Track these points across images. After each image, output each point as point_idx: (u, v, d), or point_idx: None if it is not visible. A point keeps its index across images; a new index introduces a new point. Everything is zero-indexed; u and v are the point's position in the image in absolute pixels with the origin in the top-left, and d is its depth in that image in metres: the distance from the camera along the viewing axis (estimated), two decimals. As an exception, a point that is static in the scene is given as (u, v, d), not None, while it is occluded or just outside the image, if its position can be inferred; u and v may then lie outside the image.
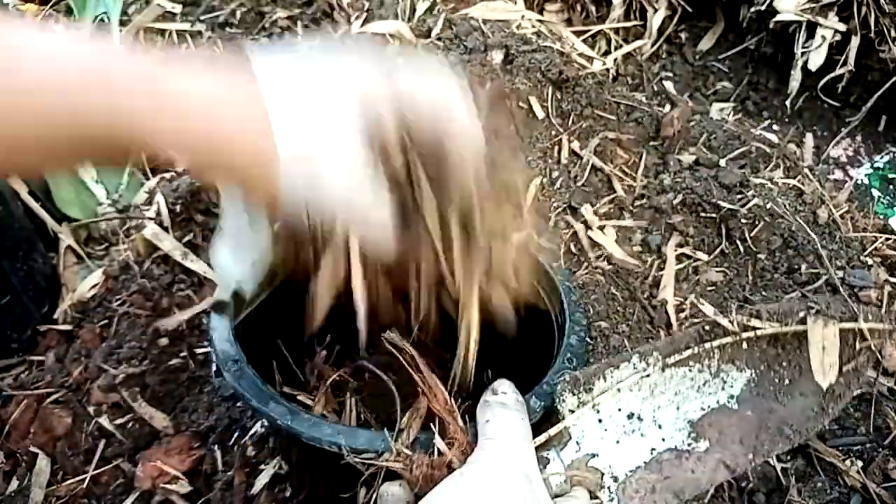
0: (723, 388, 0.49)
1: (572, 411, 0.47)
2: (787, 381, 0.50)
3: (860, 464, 0.70)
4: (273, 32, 1.09)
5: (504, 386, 0.48)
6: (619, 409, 0.48)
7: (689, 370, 0.49)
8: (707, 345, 0.49)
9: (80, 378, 0.71)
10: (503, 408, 0.45)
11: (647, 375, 0.48)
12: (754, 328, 0.49)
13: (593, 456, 0.46)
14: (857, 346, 0.50)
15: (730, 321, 0.49)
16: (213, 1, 1.13)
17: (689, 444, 0.47)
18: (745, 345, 0.49)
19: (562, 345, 0.57)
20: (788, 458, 0.72)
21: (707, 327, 0.50)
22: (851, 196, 0.96)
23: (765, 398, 0.49)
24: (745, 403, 0.49)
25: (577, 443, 0.46)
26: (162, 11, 1.10)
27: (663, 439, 0.47)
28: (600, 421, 0.47)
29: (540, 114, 0.87)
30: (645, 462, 0.47)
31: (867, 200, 1.00)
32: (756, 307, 0.51)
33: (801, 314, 0.49)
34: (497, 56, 0.88)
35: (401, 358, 0.52)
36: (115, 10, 1.06)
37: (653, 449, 0.47)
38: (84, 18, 1.05)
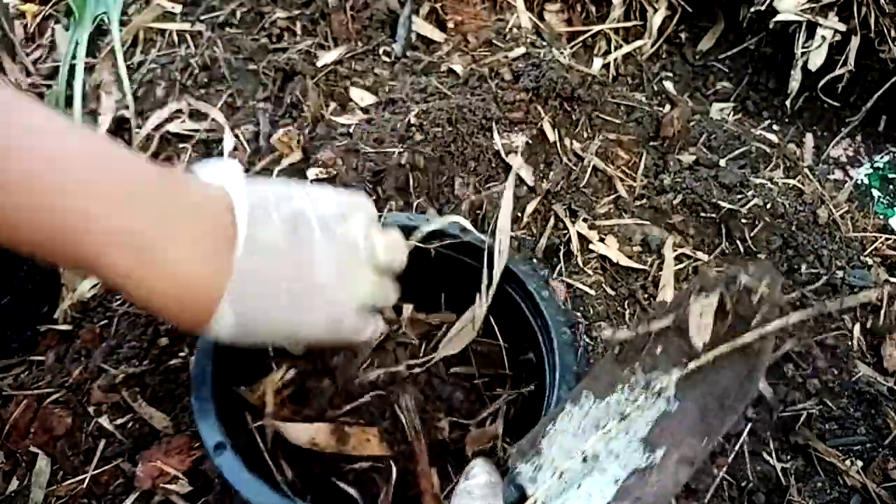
0: (658, 395, 0.49)
1: (532, 479, 0.47)
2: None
3: (860, 464, 0.70)
4: (272, 33, 1.09)
5: (476, 468, 0.47)
6: (573, 457, 0.48)
7: (622, 392, 0.49)
8: (626, 370, 0.49)
9: (80, 378, 0.71)
10: (471, 499, 0.45)
11: (587, 414, 0.48)
12: (655, 328, 0.49)
13: None
14: (750, 299, 0.49)
15: (630, 330, 0.50)
16: (213, 1, 1.13)
17: (647, 460, 0.47)
18: (657, 347, 0.49)
19: (551, 400, 0.55)
20: (788, 458, 0.72)
21: (618, 348, 0.50)
22: (851, 196, 0.96)
23: (697, 384, 0.49)
24: (682, 398, 0.49)
25: None
26: (162, 11, 1.10)
27: (623, 466, 0.47)
28: (561, 476, 0.47)
29: (552, 137, 0.87)
30: (613, 496, 0.46)
31: (867, 200, 1.00)
32: (652, 306, 0.51)
33: (690, 296, 0.49)
34: (506, 75, 0.89)
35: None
36: (115, 10, 1.06)
37: (616, 480, 0.47)
38: (84, 18, 1.05)
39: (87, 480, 0.65)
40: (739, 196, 0.84)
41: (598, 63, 1.11)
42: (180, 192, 0.45)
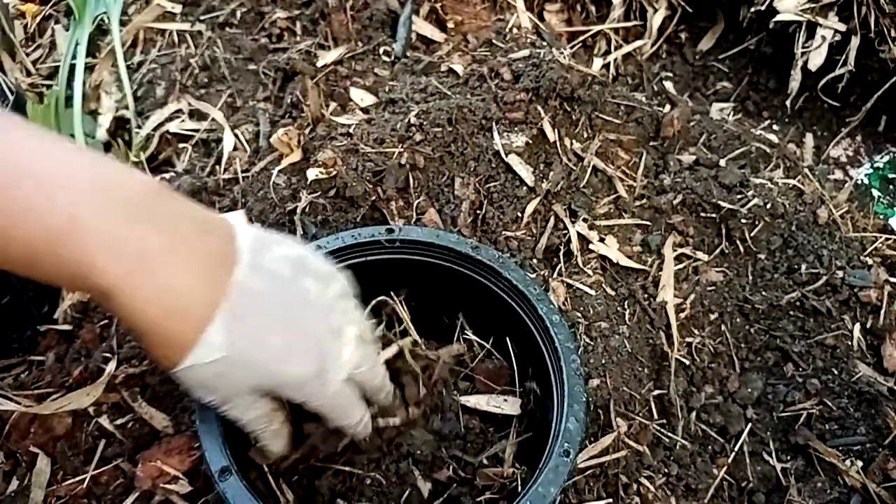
0: None
1: None
2: None
3: (860, 464, 0.70)
4: (272, 33, 1.09)
5: None
6: None
7: None
8: None
9: (80, 378, 0.71)
10: None
11: None
12: None
13: None
14: None
15: None
16: (213, 1, 1.13)
17: None
18: None
19: (559, 429, 0.54)
20: (788, 458, 0.72)
21: None
22: (851, 196, 0.96)
23: None
24: None
25: None
26: (162, 11, 1.10)
27: None
28: None
29: (552, 137, 0.87)
30: None
31: (867, 200, 1.00)
32: None
33: None
34: (506, 75, 0.89)
35: None
36: (115, 10, 1.06)
37: None
38: (84, 18, 1.05)
39: (87, 480, 0.65)
40: (739, 196, 0.84)
41: (598, 63, 1.11)
42: (182, 205, 0.45)
